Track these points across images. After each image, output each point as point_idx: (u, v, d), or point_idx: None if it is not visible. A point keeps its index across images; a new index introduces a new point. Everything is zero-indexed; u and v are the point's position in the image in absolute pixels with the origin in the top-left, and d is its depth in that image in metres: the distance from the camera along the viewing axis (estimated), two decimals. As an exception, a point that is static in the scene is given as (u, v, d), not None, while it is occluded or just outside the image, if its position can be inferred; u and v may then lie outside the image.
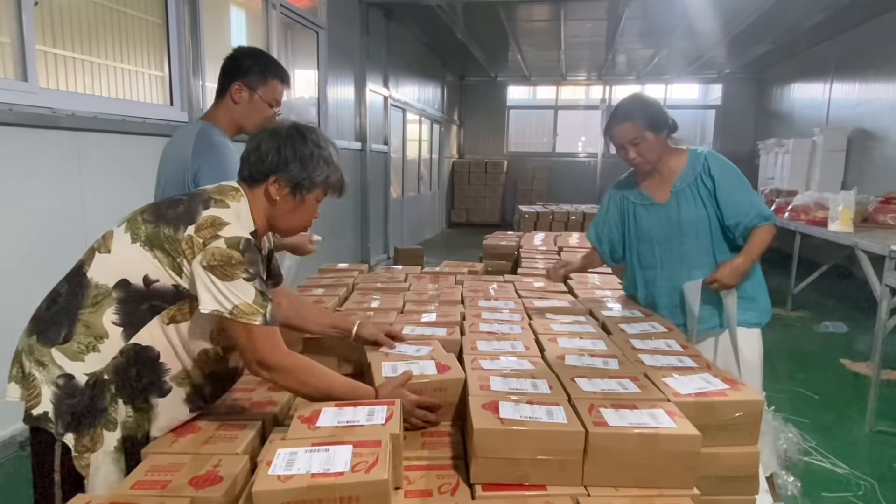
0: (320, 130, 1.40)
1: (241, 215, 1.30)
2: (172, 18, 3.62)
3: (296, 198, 1.34)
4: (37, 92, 2.69)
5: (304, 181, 1.33)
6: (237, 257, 1.20)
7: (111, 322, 1.22)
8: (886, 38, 7.02)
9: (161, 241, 1.23)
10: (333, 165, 1.36)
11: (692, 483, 1.09)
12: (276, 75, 1.92)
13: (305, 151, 1.33)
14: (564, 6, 7.33)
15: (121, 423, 1.24)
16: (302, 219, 1.40)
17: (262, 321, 1.21)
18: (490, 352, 1.53)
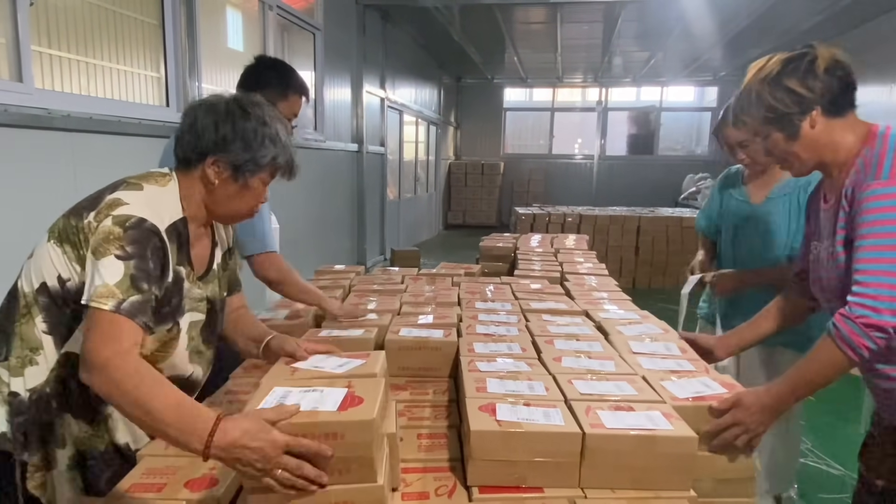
0: (266, 104, 1.24)
1: (159, 199, 1.15)
2: (168, 19, 3.61)
3: (238, 181, 1.19)
4: (32, 93, 2.67)
5: (247, 163, 1.18)
6: (116, 232, 1.05)
7: (42, 331, 1.14)
8: (881, 41, 7.07)
9: (68, 234, 1.12)
10: (281, 144, 1.21)
11: (688, 485, 1.09)
12: (297, 91, 1.91)
13: (248, 128, 1.17)
14: (561, 8, 7.34)
15: (72, 439, 1.16)
16: (246, 205, 1.24)
17: (113, 307, 1.00)
18: (487, 353, 1.53)
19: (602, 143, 13.09)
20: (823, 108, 1.23)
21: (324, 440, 0.91)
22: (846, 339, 1.10)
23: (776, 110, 1.25)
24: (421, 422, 1.35)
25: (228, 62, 4.55)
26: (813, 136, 1.25)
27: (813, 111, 1.23)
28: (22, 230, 2.69)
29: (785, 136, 1.27)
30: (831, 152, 1.27)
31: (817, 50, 1.24)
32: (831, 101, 1.24)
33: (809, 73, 1.22)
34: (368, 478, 0.93)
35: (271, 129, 1.20)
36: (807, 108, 1.23)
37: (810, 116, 1.24)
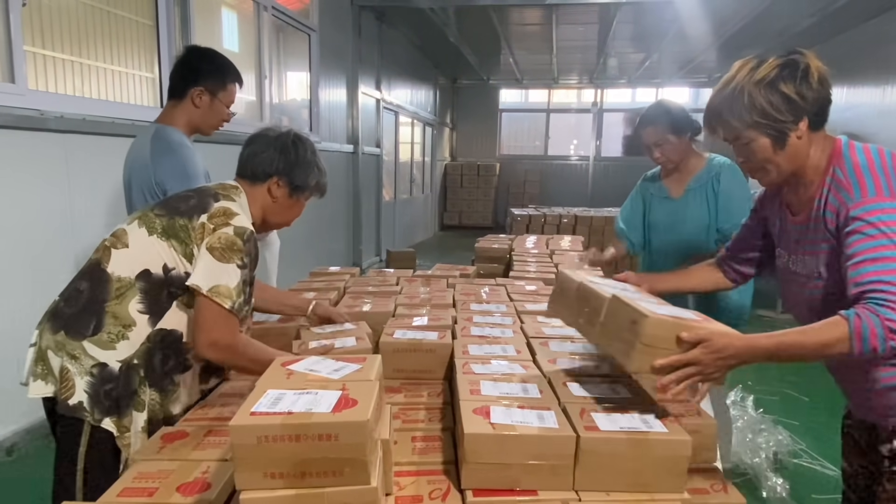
0: (309, 140, 1.60)
1: (243, 209, 1.46)
2: (163, 20, 3.60)
3: (292, 197, 1.56)
4: (24, 94, 2.66)
5: (301, 184, 1.55)
6: (239, 244, 1.37)
7: (137, 311, 1.35)
8: (873, 42, 7.11)
9: (176, 231, 1.38)
10: (323, 172, 1.59)
11: (683, 487, 1.09)
12: (233, 79, 1.98)
13: (304, 158, 1.54)
14: (556, 10, 7.36)
15: (147, 406, 1.36)
16: (293, 216, 1.62)
17: (231, 306, 1.34)
18: (481, 356, 1.53)
19: (597, 145, 13.12)
20: (811, 119, 1.22)
21: (317, 441, 0.91)
22: (862, 333, 1.05)
23: (770, 116, 1.21)
24: (415, 424, 1.34)
25: (223, 63, 4.53)
26: (797, 147, 1.23)
27: (802, 121, 1.21)
28: (16, 230, 2.68)
29: (772, 142, 1.23)
30: (805, 165, 1.26)
31: (808, 58, 1.21)
32: (818, 114, 1.22)
33: (805, 82, 1.19)
34: (362, 480, 0.92)
35: (318, 159, 1.58)
36: (799, 116, 1.21)
37: (799, 127, 1.21)
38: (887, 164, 1.18)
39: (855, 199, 1.15)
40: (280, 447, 0.90)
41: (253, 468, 0.90)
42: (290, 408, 0.94)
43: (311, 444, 0.90)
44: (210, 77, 1.94)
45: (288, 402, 0.97)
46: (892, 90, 6.72)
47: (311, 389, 1.02)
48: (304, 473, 0.91)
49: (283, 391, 1.01)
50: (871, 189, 1.14)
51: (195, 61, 1.95)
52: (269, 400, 0.98)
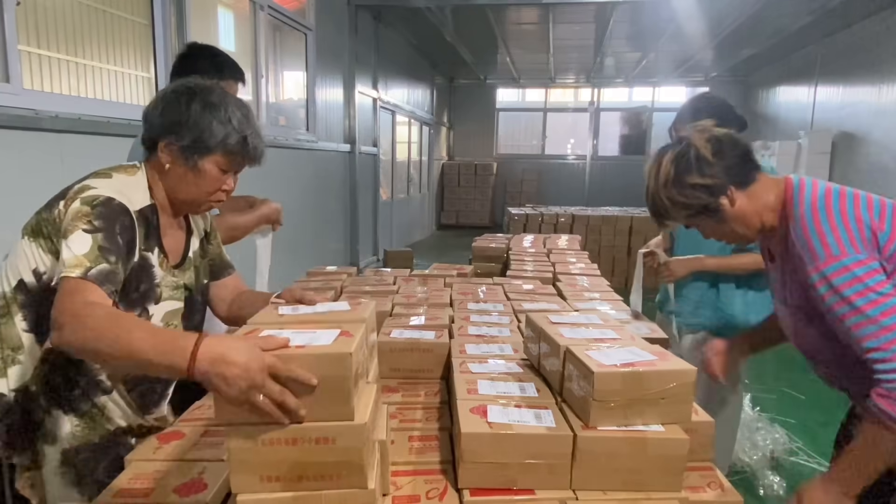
0: (218, 88, 1.24)
1: (127, 186, 1.17)
2: (158, 19, 3.58)
3: (188, 164, 1.20)
4: (19, 93, 2.65)
5: (194, 144, 1.18)
6: (84, 210, 1.07)
7: (22, 329, 1.15)
8: (869, 41, 7.13)
9: (41, 227, 1.15)
10: (233, 126, 1.19)
11: (680, 486, 1.09)
12: (232, 76, 1.89)
13: (194, 110, 1.18)
14: (553, 9, 7.36)
15: (64, 436, 1.16)
16: (200, 190, 1.23)
17: (81, 274, 1.00)
18: (478, 355, 1.53)
19: (594, 144, 13.13)
20: (734, 185, 1.26)
21: (314, 445, 0.91)
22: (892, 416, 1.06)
23: (692, 206, 1.28)
24: (412, 424, 1.34)
25: (219, 62, 4.52)
26: (737, 211, 1.28)
27: (727, 191, 1.26)
28: (11, 232, 2.67)
29: (713, 220, 1.30)
30: (762, 216, 1.29)
31: (694, 140, 1.27)
32: (737, 175, 1.27)
33: (703, 163, 1.25)
34: (359, 483, 0.92)
35: (221, 111, 1.19)
36: (718, 192, 1.26)
37: (727, 196, 1.26)
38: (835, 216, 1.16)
39: (817, 261, 1.16)
40: (277, 450, 0.89)
41: (249, 471, 0.90)
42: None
43: (308, 447, 0.90)
44: (205, 73, 1.87)
45: None
46: (887, 89, 6.74)
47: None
48: (301, 476, 0.91)
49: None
50: (831, 247, 1.14)
51: (192, 58, 1.90)
52: None
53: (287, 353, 0.90)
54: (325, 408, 0.90)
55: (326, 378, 0.89)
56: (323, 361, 0.90)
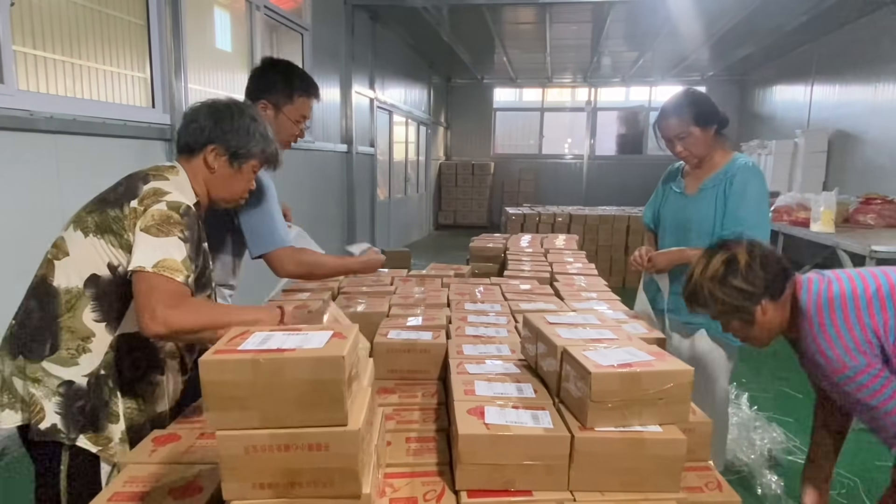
0: (253, 107, 1.50)
1: (181, 187, 1.34)
2: (154, 19, 3.57)
3: (233, 166, 1.42)
4: (14, 94, 2.63)
5: (241, 150, 1.41)
6: (176, 217, 1.25)
7: (92, 320, 1.26)
8: (865, 41, 7.15)
9: (109, 224, 1.27)
10: (269, 139, 1.46)
11: (678, 487, 1.09)
12: (303, 92, 1.89)
13: (243, 124, 1.41)
14: (550, 9, 7.36)
15: (123, 415, 1.31)
16: (240, 187, 1.47)
17: (184, 280, 1.20)
18: (476, 355, 1.52)
19: (591, 143, 13.14)
20: (770, 297, 1.39)
21: (307, 451, 0.90)
22: None
23: (730, 304, 1.41)
24: (409, 425, 1.34)
25: (216, 63, 4.51)
26: (766, 321, 1.41)
27: (761, 302, 1.39)
28: (6, 233, 2.65)
29: (742, 323, 1.43)
30: (783, 326, 1.44)
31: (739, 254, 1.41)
32: (774, 289, 1.40)
33: (750, 272, 1.39)
34: (353, 488, 0.91)
35: (261, 127, 1.45)
36: (756, 300, 1.39)
37: (761, 306, 1.39)
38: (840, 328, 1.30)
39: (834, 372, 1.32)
40: (269, 457, 0.89)
41: (241, 478, 0.89)
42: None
43: (301, 454, 0.89)
44: (275, 90, 1.83)
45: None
46: (884, 87, 6.76)
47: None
48: (294, 483, 0.90)
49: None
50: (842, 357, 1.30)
51: (265, 73, 1.88)
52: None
53: (282, 357, 0.90)
54: (317, 413, 0.89)
55: (318, 382, 0.89)
56: (314, 365, 0.89)
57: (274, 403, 0.88)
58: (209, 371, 0.87)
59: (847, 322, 1.30)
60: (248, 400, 0.88)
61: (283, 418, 0.89)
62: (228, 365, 0.88)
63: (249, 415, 0.88)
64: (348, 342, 0.94)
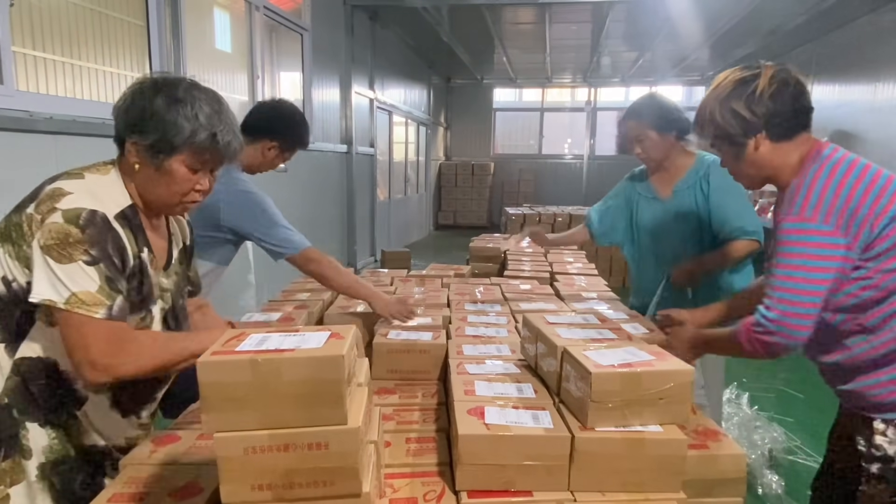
0: (189, 82, 1.15)
1: (102, 187, 1.11)
2: (153, 20, 3.57)
3: (154, 163, 1.12)
4: (13, 95, 2.63)
5: (158, 143, 1.10)
6: (75, 234, 1.02)
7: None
8: (864, 40, 7.15)
9: (9, 232, 1.08)
10: (199, 122, 1.11)
11: (678, 487, 1.08)
12: (302, 145, 2.10)
13: (158, 106, 1.09)
14: (549, 9, 7.36)
15: (40, 449, 1.12)
16: (169, 191, 1.15)
17: (105, 315, 1.02)
18: (476, 356, 1.52)
19: (591, 143, 13.14)
20: (768, 131, 1.28)
21: (307, 451, 0.89)
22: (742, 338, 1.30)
23: (724, 130, 1.31)
24: (409, 425, 1.34)
25: (215, 63, 4.51)
26: (757, 157, 1.31)
27: (757, 135, 1.28)
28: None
29: (732, 153, 1.34)
30: (775, 173, 1.33)
31: (763, 72, 1.28)
32: (777, 125, 1.27)
33: (755, 97, 1.27)
34: (353, 488, 0.91)
35: (186, 107, 1.10)
36: (750, 131, 1.29)
37: (755, 139, 1.29)
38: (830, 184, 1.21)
39: (784, 211, 1.25)
40: (268, 458, 0.88)
41: (239, 480, 0.88)
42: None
43: (300, 453, 0.89)
44: (287, 137, 2.04)
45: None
46: (883, 87, 6.76)
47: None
48: (293, 484, 0.89)
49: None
50: (798, 205, 1.22)
51: (281, 117, 2.06)
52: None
53: (280, 357, 0.89)
54: (316, 412, 0.89)
55: (318, 382, 0.88)
56: (313, 365, 0.88)
57: (272, 404, 0.88)
58: (207, 372, 0.87)
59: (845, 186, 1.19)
60: (247, 401, 0.87)
61: (282, 419, 0.88)
62: (226, 366, 0.87)
63: (248, 416, 0.87)
64: (347, 342, 0.94)
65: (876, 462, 1.27)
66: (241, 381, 0.87)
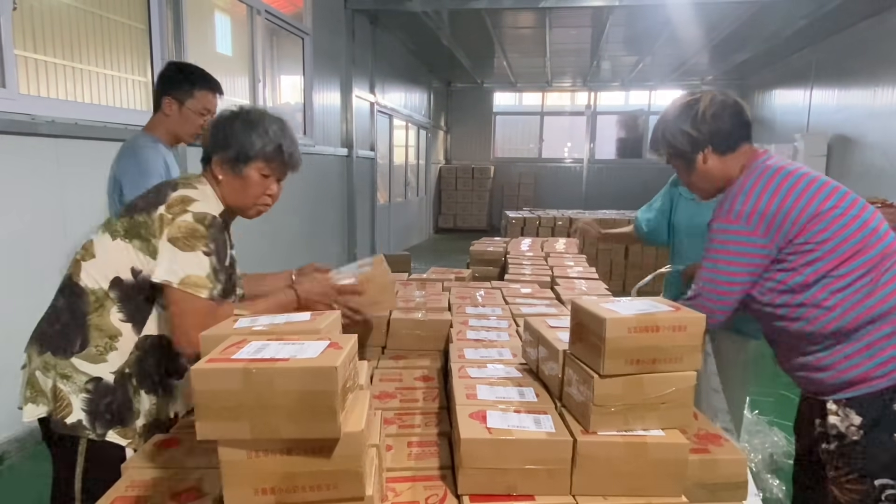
0: (261, 110, 1.46)
1: (207, 196, 1.38)
2: (155, 24, 3.58)
3: (235, 172, 1.40)
4: (15, 98, 2.64)
5: (238, 155, 1.39)
6: (201, 231, 1.29)
7: (119, 320, 1.32)
8: (863, 45, 7.17)
9: (138, 229, 1.31)
10: (268, 137, 1.40)
11: (680, 491, 1.08)
12: (203, 86, 2.08)
13: (237, 128, 1.40)
14: (549, 13, 7.38)
15: (143, 413, 1.36)
16: (249, 194, 1.43)
17: (208, 296, 1.28)
18: (477, 360, 1.52)
19: (591, 147, 13.16)
20: (714, 146, 1.47)
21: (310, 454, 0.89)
22: None
23: (676, 147, 1.51)
24: (411, 429, 1.33)
25: (217, 67, 4.51)
26: (706, 169, 1.50)
27: (705, 149, 1.47)
28: (8, 236, 2.65)
29: (685, 167, 1.53)
30: (723, 183, 1.50)
31: (703, 98, 1.47)
32: (721, 141, 1.46)
33: (699, 118, 1.46)
34: (356, 491, 0.91)
35: (259, 126, 1.40)
36: (698, 147, 1.48)
37: (703, 153, 1.48)
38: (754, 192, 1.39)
39: (714, 213, 1.45)
40: (271, 461, 0.88)
41: (242, 484, 0.88)
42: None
43: (303, 457, 0.89)
44: (177, 86, 2.04)
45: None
46: (883, 92, 6.77)
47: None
48: (296, 487, 0.89)
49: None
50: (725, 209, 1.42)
51: (167, 73, 2.10)
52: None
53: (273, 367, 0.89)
54: (308, 424, 0.87)
55: (310, 393, 0.86)
56: (306, 375, 0.86)
57: (265, 414, 0.87)
58: (200, 380, 0.86)
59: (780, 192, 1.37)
60: (239, 410, 0.86)
61: (274, 429, 0.87)
62: (219, 374, 0.87)
63: (240, 425, 0.87)
64: (343, 353, 0.93)
65: (834, 440, 1.40)
66: (233, 390, 0.86)
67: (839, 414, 1.39)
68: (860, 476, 1.37)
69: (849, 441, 1.38)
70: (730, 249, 1.40)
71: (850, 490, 1.39)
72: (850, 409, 1.37)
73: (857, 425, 1.36)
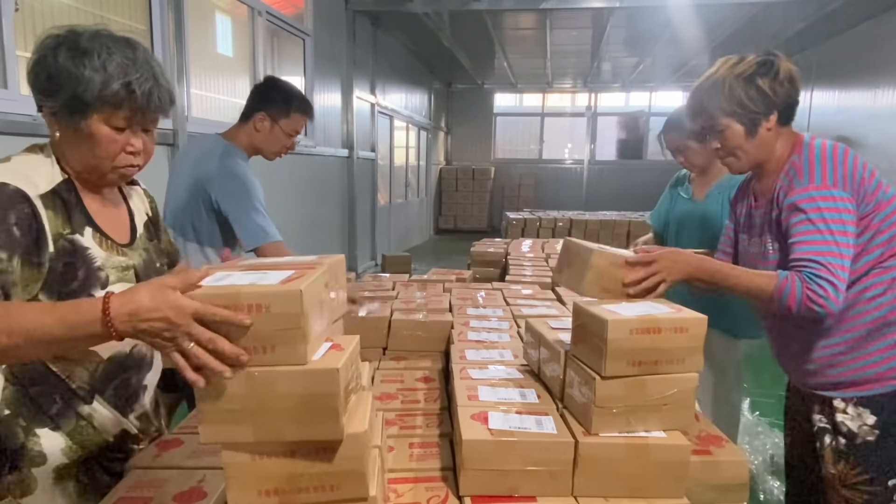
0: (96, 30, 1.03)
1: (29, 166, 1.03)
2: (157, 25, 3.58)
3: (70, 126, 1.01)
4: (17, 99, 2.64)
5: (70, 101, 0.98)
6: None
7: None
8: (864, 46, 7.17)
9: None
10: (111, 73, 0.98)
11: (682, 492, 1.08)
12: (298, 108, 2.05)
13: (62, 61, 0.97)
14: (550, 14, 7.39)
15: (59, 452, 1.07)
16: (97, 155, 1.03)
17: None
18: (478, 361, 1.52)
19: (592, 148, 13.17)
20: (780, 113, 1.38)
21: (314, 456, 0.87)
22: (785, 291, 1.25)
23: (745, 106, 1.36)
24: (412, 431, 1.34)
25: (218, 68, 4.52)
26: (765, 138, 1.39)
27: (773, 114, 1.37)
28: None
29: (745, 131, 1.39)
30: (770, 155, 1.42)
31: (781, 60, 1.38)
32: (786, 109, 1.38)
33: (777, 79, 1.36)
34: (360, 491, 0.91)
35: (93, 58, 0.98)
36: (770, 110, 1.37)
37: (769, 119, 1.37)
38: (837, 158, 1.31)
39: (803, 184, 1.31)
40: (274, 463, 0.88)
41: (246, 486, 0.88)
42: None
43: (307, 458, 0.89)
44: (274, 104, 2.00)
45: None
46: (883, 93, 6.78)
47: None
48: (300, 489, 0.89)
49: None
50: (818, 177, 1.30)
51: (265, 88, 2.06)
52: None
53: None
54: (312, 427, 0.86)
55: (313, 396, 0.85)
56: (309, 378, 0.85)
57: (267, 417, 0.86)
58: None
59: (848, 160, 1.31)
60: (242, 413, 0.85)
61: (277, 432, 0.86)
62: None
63: (243, 428, 0.86)
64: (345, 354, 0.92)
65: (843, 439, 1.37)
66: (235, 393, 0.85)
67: (849, 412, 1.36)
68: (873, 476, 1.35)
69: (861, 440, 1.35)
70: (841, 218, 1.26)
71: (861, 490, 1.36)
72: (864, 408, 1.35)
73: (872, 425, 1.34)
